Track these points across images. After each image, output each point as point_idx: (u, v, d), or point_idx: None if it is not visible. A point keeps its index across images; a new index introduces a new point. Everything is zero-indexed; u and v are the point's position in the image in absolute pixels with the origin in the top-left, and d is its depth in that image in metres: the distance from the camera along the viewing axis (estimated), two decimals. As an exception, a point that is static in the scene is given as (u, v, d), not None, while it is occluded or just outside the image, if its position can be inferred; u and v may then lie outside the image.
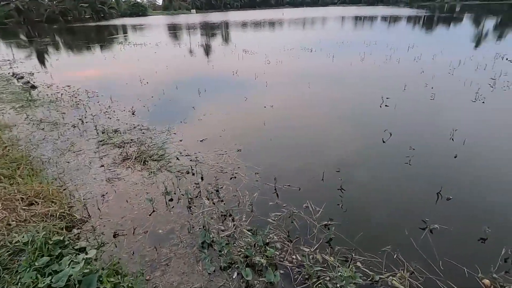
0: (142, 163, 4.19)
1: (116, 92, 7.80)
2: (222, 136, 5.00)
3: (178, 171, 3.95)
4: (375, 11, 52.95)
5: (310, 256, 2.55)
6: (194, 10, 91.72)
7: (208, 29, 29.31)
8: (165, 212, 3.20)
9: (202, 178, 3.79)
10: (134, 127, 5.45)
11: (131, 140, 4.92)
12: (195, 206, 3.28)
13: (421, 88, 7.30)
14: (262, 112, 6.11)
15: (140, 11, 74.03)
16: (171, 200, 3.40)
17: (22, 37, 29.23)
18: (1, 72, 10.94)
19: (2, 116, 6.20)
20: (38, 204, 3.20)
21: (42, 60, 13.85)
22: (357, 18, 37.29)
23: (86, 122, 5.78)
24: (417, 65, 9.79)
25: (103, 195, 3.50)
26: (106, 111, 6.38)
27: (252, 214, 3.12)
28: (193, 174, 3.90)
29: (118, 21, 51.84)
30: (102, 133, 5.26)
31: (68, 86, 8.64)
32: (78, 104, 6.91)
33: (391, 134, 4.81)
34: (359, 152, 4.46)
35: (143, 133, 5.21)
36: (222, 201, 3.34)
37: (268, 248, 2.57)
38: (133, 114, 6.23)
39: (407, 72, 9.00)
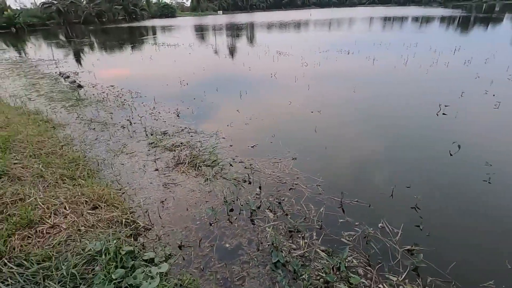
0: (196, 168, 4.09)
1: (158, 93, 7.88)
2: (273, 142, 4.81)
3: (235, 179, 3.80)
4: (407, 11, 50.79)
5: (400, 287, 2.28)
6: (221, 11, 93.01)
7: (238, 30, 29.43)
8: (228, 223, 3.05)
9: (260, 188, 3.62)
10: (182, 130, 5.40)
11: (181, 143, 4.86)
12: (258, 218, 3.10)
13: (481, 95, 6.71)
14: (310, 117, 5.86)
15: (169, 12, 76.14)
16: (231, 210, 3.25)
17: (63, 37, 30.93)
18: (48, 71, 11.51)
19: (55, 115, 6.42)
20: (101, 208, 3.17)
21: (84, 60, 14.46)
22: (389, 19, 35.88)
23: (134, 123, 5.83)
24: (469, 70, 9.09)
25: (162, 201, 3.42)
26: (151, 112, 6.42)
27: (322, 232, 2.89)
28: (250, 183, 3.73)
29: (148, 22, 53.65)
30: (151, 135, 5.26)
31: (112, 86, 8.87)
32: (124, 104, 7.03)
33: (459, 147, 4.38)
34: (426, 165, 4.08)
35: (192, 136, 5.14)
36: (286, 214, 3.14)
37: (352, 275, 2.33)
38: (177, 116, 6.21)
39: (460, 77, 8.35)
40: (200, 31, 31.61)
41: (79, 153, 4.54)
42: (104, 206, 3.21)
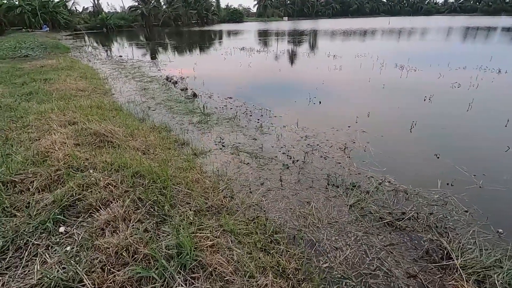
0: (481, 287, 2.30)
1: (294, 113, 6.39)
2: None
3: None
4: (501, 22, 43.41)
5: None
6: (286, 17, 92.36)
7: (316, 37, 27.56)
8: None
9: None
10: (380, 184, 3.68)
11: (403, 213, 3.13)
12: None
13: None
14: None
15: (237, 17, 77.95)
16: None
17: (144, 38, 32.61)
18: (153, 74, 11.05)
19: (188, 135, 5.29)
20: None
21: (180, 63, 14.00)
22: (494, 29, 30.46)
23: (297, 161, 4.32)
24: None
25: None
26: (308, 144, 4.88)
27: None
28: None
29: (219, 27, 55.10)
30: (336, 187, 3.65)
31: (230, 97, 7.71)
32: (263, 127, 5.63)
33: None
34: None
35: (407, 200, 3.39)
36: None
37: None
38: (344, 151, 4.57)
39: None
40: (275, 36, 30.46)
41: (258, 214, 3.11)
42: None
